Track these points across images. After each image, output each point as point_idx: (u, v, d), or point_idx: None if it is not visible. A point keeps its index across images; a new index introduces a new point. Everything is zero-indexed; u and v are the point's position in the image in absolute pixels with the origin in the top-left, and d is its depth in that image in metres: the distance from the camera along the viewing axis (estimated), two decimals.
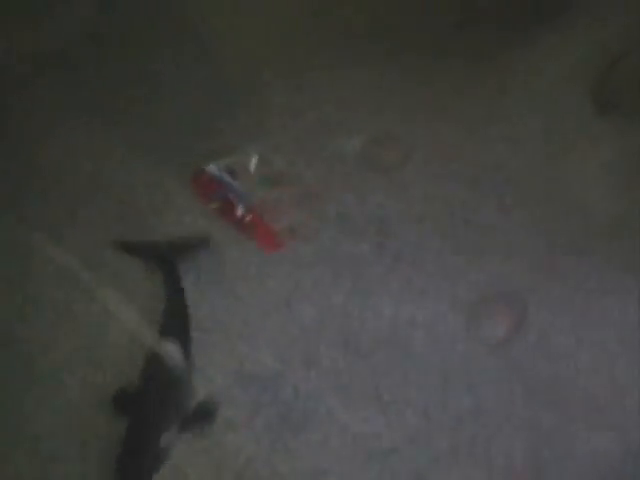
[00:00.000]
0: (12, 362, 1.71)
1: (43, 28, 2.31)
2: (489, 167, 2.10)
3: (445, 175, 2.08)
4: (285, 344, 1.77)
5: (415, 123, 2.18)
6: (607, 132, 2.16)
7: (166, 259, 1.77)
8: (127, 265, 1.82)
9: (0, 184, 1.99)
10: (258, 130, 2.13)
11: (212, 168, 1.97)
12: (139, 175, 2.01)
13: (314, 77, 2.26)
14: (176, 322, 1.69)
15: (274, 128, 2.14)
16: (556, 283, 1.89)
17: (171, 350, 1.60)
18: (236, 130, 2.12)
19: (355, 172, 2.07)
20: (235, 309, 1.81)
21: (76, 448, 1.61)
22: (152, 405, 1.53)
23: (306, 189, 2.02)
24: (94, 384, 1.68)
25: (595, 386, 1.74)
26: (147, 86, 2.21)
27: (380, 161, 2.11)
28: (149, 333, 1.70)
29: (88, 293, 1.80)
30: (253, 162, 2.00)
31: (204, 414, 1.61)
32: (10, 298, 1.80)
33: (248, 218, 1.91)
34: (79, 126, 2.11)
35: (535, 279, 1.90)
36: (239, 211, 1.91)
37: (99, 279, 1.80)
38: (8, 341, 1.74)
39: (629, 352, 1.78)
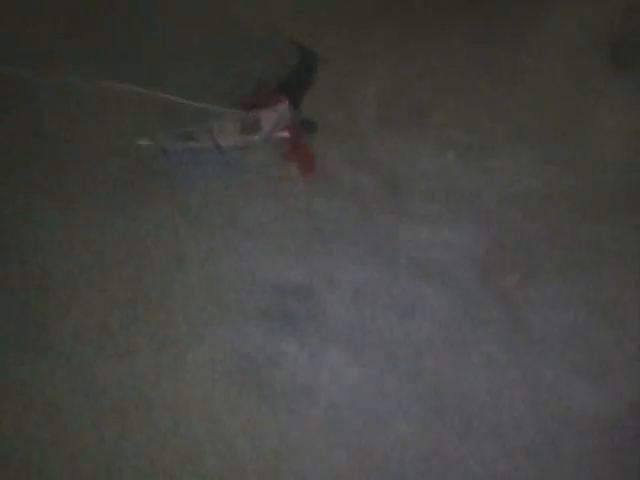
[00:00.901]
0: (28, 327, 1.75)
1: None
2: (505, 135, 2.06)
3: (461, 145, 2.06)
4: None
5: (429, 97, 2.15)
6: (624, 94, 2.09)
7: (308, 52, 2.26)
8: None
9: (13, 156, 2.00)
10: None
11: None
12: None
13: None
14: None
15: None
16: (570, 245, 1.89)
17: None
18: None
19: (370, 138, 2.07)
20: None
21: (90, 415, 1.65)
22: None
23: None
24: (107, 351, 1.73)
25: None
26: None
27: (395, 124, 2.10)
28: None
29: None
30: None
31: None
32: (24, 270, 1.83)
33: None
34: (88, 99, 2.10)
35: (550, 243, 1.89)
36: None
37: None
38: (23, 310, 1.77)
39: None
